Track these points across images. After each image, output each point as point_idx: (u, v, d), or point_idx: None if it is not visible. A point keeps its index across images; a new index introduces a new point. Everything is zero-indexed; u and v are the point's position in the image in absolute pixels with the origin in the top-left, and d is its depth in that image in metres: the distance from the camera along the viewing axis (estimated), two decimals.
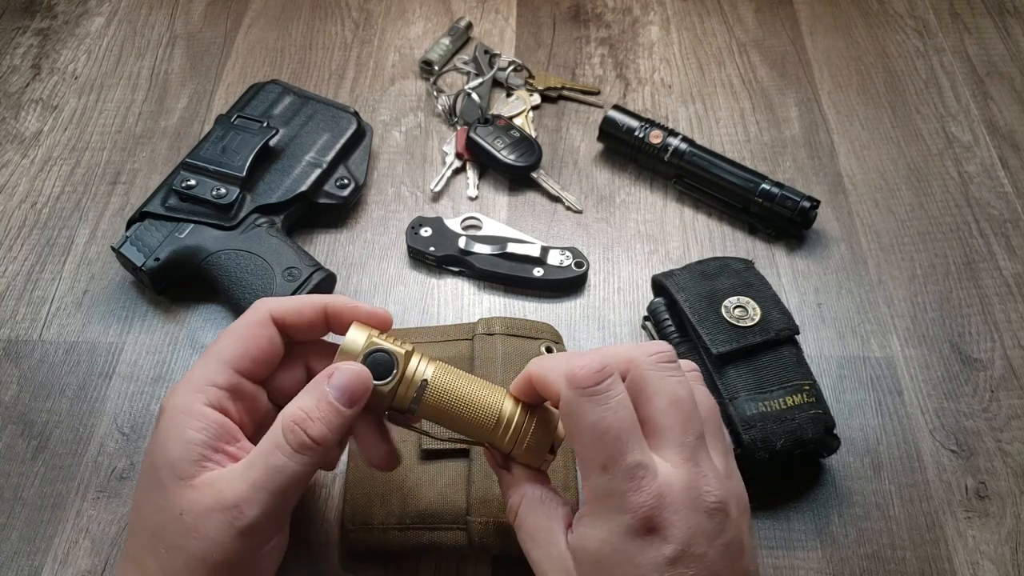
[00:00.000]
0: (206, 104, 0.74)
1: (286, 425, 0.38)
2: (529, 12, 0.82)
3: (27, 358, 0.59)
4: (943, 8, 0.82)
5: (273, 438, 0.38)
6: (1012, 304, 0.61)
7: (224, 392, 0.40)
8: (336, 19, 0.81)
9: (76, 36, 0.81)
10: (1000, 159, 0.69)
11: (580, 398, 0.36)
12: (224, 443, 0.39)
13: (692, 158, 0.65)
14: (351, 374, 0.39)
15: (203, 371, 0.40)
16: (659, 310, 0.56)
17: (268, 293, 0.57)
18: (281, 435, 0.38)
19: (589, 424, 0.36)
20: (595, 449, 0.36)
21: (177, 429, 0.38)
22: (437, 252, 0.62)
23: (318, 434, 0.38)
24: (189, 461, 0.38)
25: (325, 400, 0.39)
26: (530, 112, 0.73)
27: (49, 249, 0.65)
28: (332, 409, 0.38)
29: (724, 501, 0.36)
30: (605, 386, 0.36)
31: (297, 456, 0.38)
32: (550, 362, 0.39)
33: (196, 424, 0.38)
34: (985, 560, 0.50)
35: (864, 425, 0.55)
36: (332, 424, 0.38)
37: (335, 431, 0.38)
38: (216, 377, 0.40)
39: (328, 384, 0.39)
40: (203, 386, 0.39)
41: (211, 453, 0.38)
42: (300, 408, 0.39)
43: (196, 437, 0.38)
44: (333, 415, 0.38)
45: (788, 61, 0.77)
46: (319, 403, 0.39)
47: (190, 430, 0.38)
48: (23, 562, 0.50)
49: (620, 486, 0.35)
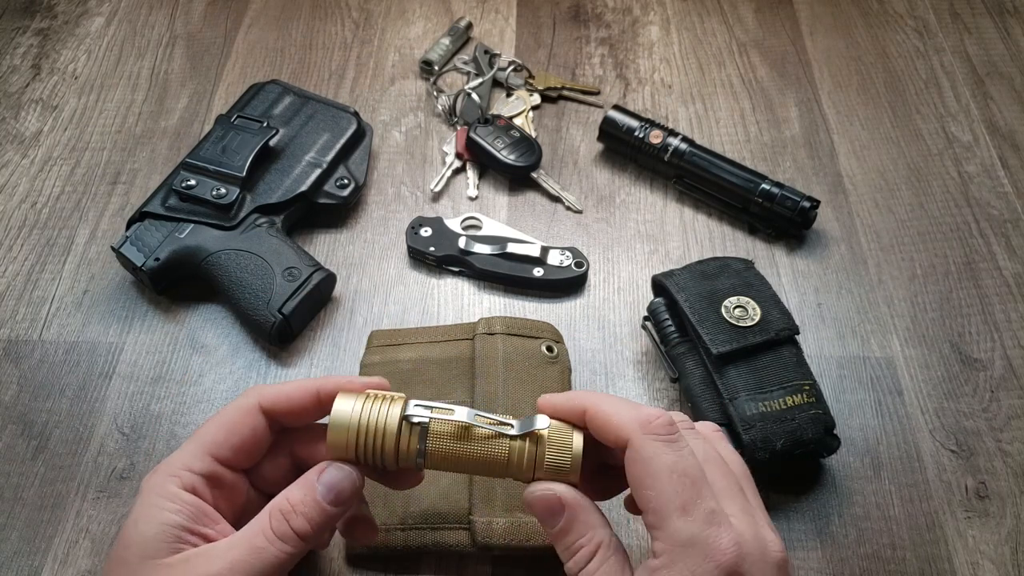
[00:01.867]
0: (206, 104, 0.74)
1: (272, 513, 0.38)
2: (529, 12, 0.82)
3: (27, 358, 0.59)
4: (943, 8, 0.82)
5: (259, 522, 0.38)
6: (1012, 304, 0.61)
7: (199, 478, 0.40)
8: (336, 19, 0.82)
9: (76, 36, 0.81)
10: (1000, 159, 0.69)
11: (657, 442, 0.36)
12: (201, 525, 0.39)
13: (692, 158, 0.65)
14: (341, 474, 0.39)
15: (182, 455, 0.40)
16: (659, 310, 0.56)
17: (268, 293, 0.57)
18: (267, 520, 0.38)
19: (667, 465, 0.36)
20: (675, 491, 0.35)
21: (152, 510, 0.38)
22: (437, 252, 0.62)
23: (301, 528, 0.38)
24: (164, 542, 0.37)
25: (312, 496, 0.39)
26: (530, 112, 0.73)
27: (49, 249, 0.65)
28: (318, 507, 0.39)
29: (786, 557, 0.37)
30: (679, 435, 0.37)
31: (278, 543, 0.38)
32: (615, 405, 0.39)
33: (171, 506, 0.38)
34: (985, 560, 0.50)
35: (864, 425, 0.55)
36: (315, 521, 0.38)
37: (318, 528, 0.39)
38: (193, 462, 0.40)
39: (318, 480, 0.39)
40: (179, 470, 0.39)
41: (187, 535, 0.38)
42: (288, 499, 0.39)
43: (172, 519, 0.38)
44: (317, 512, 0.39)
45: (788, 61, 0.77)
46: (305, 498, 0.39)
47: (166, 512, 0.38)
48: (23, 562, 0.50)
49: (702, 531, 0.35)
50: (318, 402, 0.42)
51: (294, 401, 0.41)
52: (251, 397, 0.42)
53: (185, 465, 0.40)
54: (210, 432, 0.41)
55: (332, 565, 0.49)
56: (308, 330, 0.60)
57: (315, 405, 0.42)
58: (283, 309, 0.57)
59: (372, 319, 0.61)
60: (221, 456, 0.40)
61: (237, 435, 0.41)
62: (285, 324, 0.57)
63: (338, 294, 0.62)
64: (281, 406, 0.41)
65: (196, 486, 0.39)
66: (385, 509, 0.49)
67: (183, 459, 0.40)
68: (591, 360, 0.58)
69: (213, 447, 0.40)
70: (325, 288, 0.60)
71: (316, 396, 0.41)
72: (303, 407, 0.42)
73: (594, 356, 0.59)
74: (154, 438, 0.55)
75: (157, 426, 0.56)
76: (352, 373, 0.57)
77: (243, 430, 0.41)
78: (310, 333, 0.60)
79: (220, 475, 0.40)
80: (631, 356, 0.59)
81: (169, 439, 0.55)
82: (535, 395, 0.53)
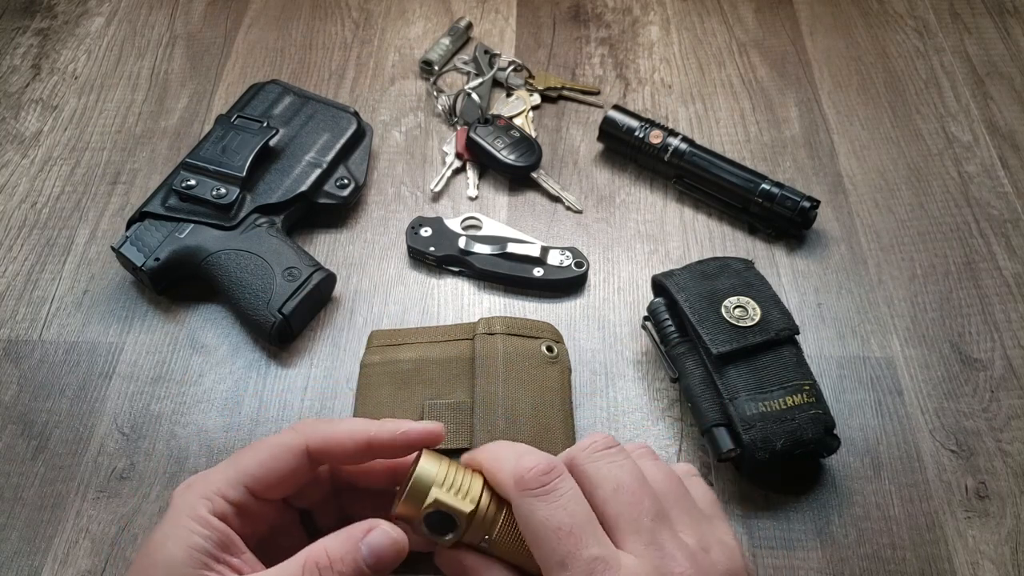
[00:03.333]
0: (206, 104, 0.74)
1: (308, 566, 0.37)
2: (529, 12, 0.82)
3: (27, 358, 0.59)
4: (943, 8, 0.82)
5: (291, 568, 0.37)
6: (1012, 304, 0.61)
7: (232, 507, 0.39)
8: (336, 19, 0.82)
9: (76, 36, 0.81)
10: (1000, 159, 0.69)
11: (529, 499, 0.35)
12: (228, 554, 0.38)
13: (692, 158, 0.65)
14: (388, 540, 0.37)
15: (218, 478, 0.39)
16: (659, 310, 0.56)
17: (268, 293, 0.57)
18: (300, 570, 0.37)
19: (541, 522, 0.35)
20: (551, 547, 0.34)
21: (182, 531, 0.38)
22: (437, 252, 0.62)
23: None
24: (190, 567, 0.37)
25: (353, 556, 0.37)
26: (530, 112, 0.73)
27: (49, 249, 0.65)
28: (355, 567, 0.37)
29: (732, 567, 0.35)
30: (553, 485, 0.35)
31: None
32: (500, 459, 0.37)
33: (202, 531, 0.37)
34: (985, 560, 0.50)
35: (864, 425, 0.55)
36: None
37: None
38: (228, 490, 0.39)
39: (363, 541, 0.37)
40: (213, 494, 0.39)
41: (212, 563, 0.37)
42: (327, 552, 0.37)
43: (200, 544, 0.37)
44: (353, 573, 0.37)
45: (788, 61, 0.77)
46: (346, 556, 0.37)
47: (196, 536, 0.37)
48: (23, 562, 0.50)
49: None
50: (369, 450, 0.40)
51: (345, 448, 0.40)
52: (299, 436, 0.40)
53: (220, 491, 0.39)
54: (251, 465, 0.40)
55: None
56: (308, 330, 0.60)
57: (365, 452, 0.41)
58: (283, 309, 0.57)
59: (372, 319, 0.61)
60: (255, 489, 0.39)
61: (276, 474, 0.40)
62: (285, 324, 0.57)
63: (338, 294, 0.62)
64: (331, 452, 0.40)
65: (227, 514, 0.39)
66: None
67: (218, 484, 0.39)
68: (591, 360, 0.58)
69: (250, 480, 0.39)
70: (325, 288, 0.60)
71: (368, 445, 0.40)
72: (354, 453, 0.40)
73: (594, 356, 0.59)
74: (154, 438, 0.55)
75: (157, 426, 0.56)
76: (352, 373, 0.57)
77: (284, 469, 0.40)
78: (310, 333, 0.60)
79: (250, 505, 0.40)
80: (631, 356, 0.59)
81: (169, 439, 0.55)
82: (535, 395, 0.53)
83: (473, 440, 0.50)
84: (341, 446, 0.40)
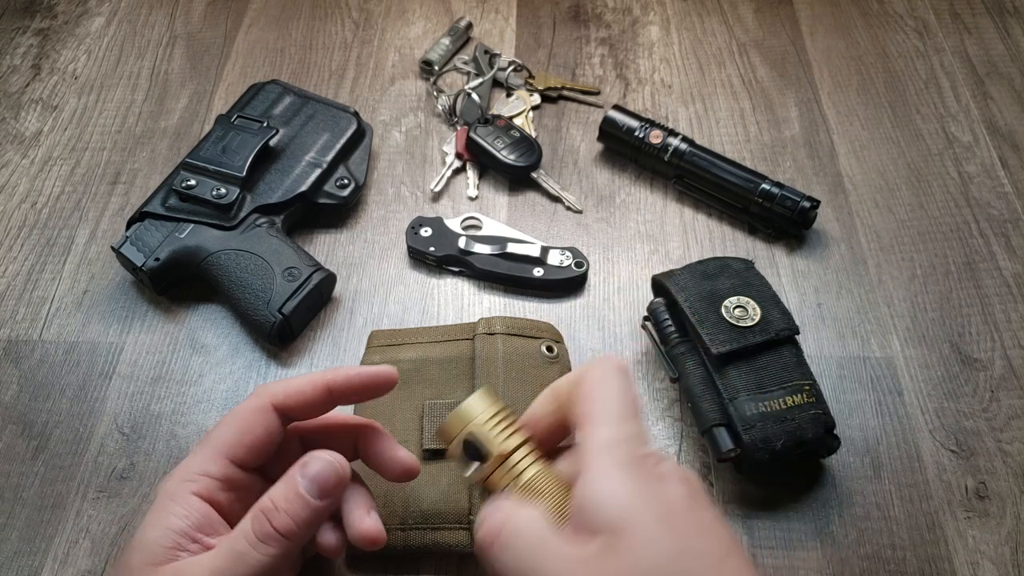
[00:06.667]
0: (206, 104, 0.74)
1: (254, 514, 0.37)
2: (529, 12, 0.82)
3: (27, 358, 0.59)
4: (943, 8, 0.82)
5: (242, 526, 0.37)
6: (1012, 304, 0.61)
7: (216, 482, 0.39)
8: (336, 19, 0.82)
9: (76, 36, 0.81)
10: (1000, 159, 0.69)
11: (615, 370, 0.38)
12: (204, 533, 0.38)
13: (692, 158, 0.65)
14: (324, 464, 0.38)
15: (198, 460, 0.40)
16: (659, 310, 0.56)
17: (268, 293, 0.57)
18: (249, 523, 0.37)
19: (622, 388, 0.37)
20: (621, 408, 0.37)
21: (161, 514, 0.38)
22: (437, 252, 0.62)
23: (282, 525, 0.37)
24: (163, 547, 0.37)
25: (295, 490, 0.37)
26: (530, 112, 0.73)
27: (49, 249, 0.65)
28: (301, 500, 0.37)
29: None
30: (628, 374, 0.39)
31: (261, 546, 0.37)
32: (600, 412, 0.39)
33: (179, 511, 0.38)
34: (985, 560, 0.50)
35: (864, 425, 0.55)
36: (300, 517, 0.37)
37: (302, 524, 0.37)
38: (209, 467, 0.39)
39: (299, 474, 0.38)
40: (195, 475, 0.39)
41: (187, 542, 0.37)
42: (271, 498, 0.38)
43: (176, 524, 0.38)
44: (301, 507, 0.37)
45: (788, 61, 0.77)
46: (288, 493, 0.38)
47: (172, 516, 0.38)
48: (23, 562, 0.50)
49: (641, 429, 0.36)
50: (328, 395, 0.41)
51: (306, 396, 0.41)
52: (262, 396, 0.41)
53: (202, 470, 0.39)
54: (223, 434, 0.40)
55: (332, 565, 0.49)
56: (308, 330, 0.60)
57: (326, 398, 0.41)
58: (283, 309, 0.57)
59: (372, 319, 0.61)
60: (236, 457, 0.40)
61: (250, 435, 0.40)
62: (285, 324, 0.57)
63: (338, 294, 0.62)
64: (292, 402, 0.41)
65: (212, 491, 0.39)
66: (385, 509, 0.48)
67: (199, 464, 0.40)
68: (591, 360, 0.58)
69: (227, 449, 0.40)
70: (325, 288, 0.60)
71: (327, 390, 0.41)
72: (315, 401, 0.41)
73: (594, 356, 0.59)
74: (154, 438, 0.55)
75: (157, 426, 0.56)
76: None
77: (256, 429, 0.40)
78: (310, 333, 0.60)
79: (236, 477, 0.40)
80: (631, 356, 0.59)
81: (169, 439, 0.55)
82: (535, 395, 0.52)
83: None
84: (302, 395, 0.41)
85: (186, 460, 0.40)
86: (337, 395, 0.41)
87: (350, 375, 0.41)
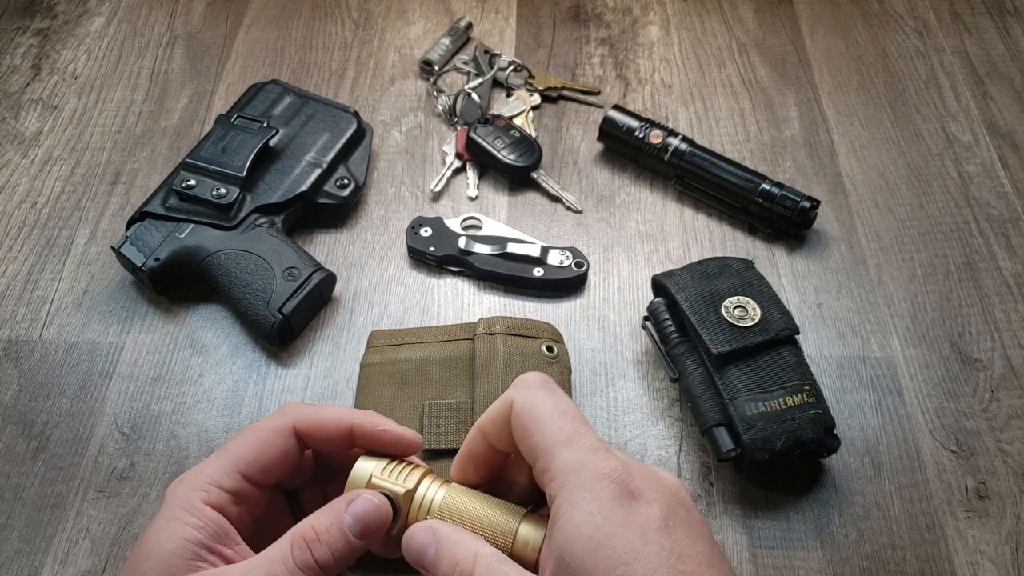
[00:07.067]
0: (206, 104, 0.74)
1: (295, 540, 0.37)
2: (529, 12, 0.82)
3: (27, 358, 0.59)
4: (943, 8, 0.82)
5: (280, 549, 0.37)
6: (1012, 304, 0.61)
7: (228, 495, 0.39)
8: (336, 19, 0.82)
9: (76, 36, 0.81)
10: (1000, 159, 0.69)
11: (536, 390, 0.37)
12: (220, 544, 0.38)
13: (692, 158, 0.65)
14: (370, 506, 0.38)
15: (211, 469, 0.40)
16: (659, 310, 0.56)
17: (268, 293, 0.57)
18: (288, 548, 0.37)
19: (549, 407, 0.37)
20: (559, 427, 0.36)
21: (175, 523, 0.38)
22: (437, 252, 0.62)
23: (323, 559, 0.37)
24: (182, 559, 0.37)
25: (338, 526, 0.38)
26: (530, 112, 0.73)
27: (49, 249, 0.65)
28: (343, 537, 0.38)
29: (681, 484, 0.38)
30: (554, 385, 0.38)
31: (299, 573, 0.37)
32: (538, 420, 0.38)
33: (195, 522, 0.38)
34: (985, 560, 0.50)
35: (864, 425, 0.55)
36: (339, 552, 0.37)
37: (340, 559, 0.38)
38: (222, 479, 0.39)
39: (346, 511, 0.38)
40: (207, 485, 0.39)
41: (206, 553, 0.37)
42: (313, 527, 0.38)
43: (193, 535, 0.37)
44: (342, 543, 0.38)
45: (788, 61, 0.77)
46: (331, 527, 0.38)
47: (188, 527, 0.37)
48: (23, 562, 0.50)
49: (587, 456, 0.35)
50: (350, 438, 0.41)
51: (328, 432, 0.41)
52: (287, 417, 0.41)
53: (214, 481, 0.39)
54: (242, 450, 0.40)
55: None
56: (308, 330, 0.60)
57: (346, 439, 0.41)
58: (283, 309, 0.57)
59: (372, 319, 0.61)
60: (251, 475, 0.40)
61: (268, 456, 0.40)
62: (285, 324, 0.57)
63: (338, 294, 0.62)
64: (315, 432, 0.41)
65: (224, 503, 0.39)
66: None
67: (212, 474, 0.39)
68: (591, 360, 0.58)
69: (243, 465, 0.40)
70: (325, 288, 0.60)
71: (349, 432, 0.41)
72: (334, 439, 0.41)
73: (594, 356, 0.59)
74: (154, 438, 0.55)
75: (157, 426, 0.56)
76: (352, 373, 0.57)
77: (274, 451, 0.40)
78: (310, 333, 0.60)
79: (247, 491, 0.40)
80: (631, 356, 0.59)
81: (169, 439, 0.55)
82: None
83: None
84: (325, 430, 0.41)
85: (200, 466, 0.40)
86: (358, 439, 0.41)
87: (377, 428, 0.41)
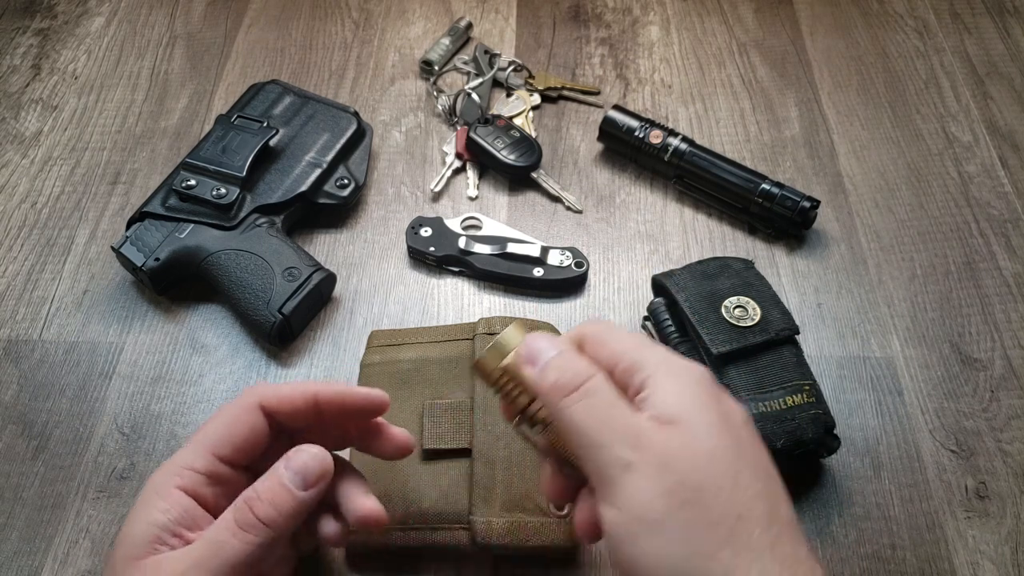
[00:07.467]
0: (206, 104, 0.74)
1: (237, 503, 0.38)
2: (529, 12, 0.82)
3: (27, 358, 0.59)
4: (943, 8, 0.82)
5: (224, 516, 0.38)
6: (1012, 304, 0.61)
7: (201, 476, 0.40)
8: (336, 19, 0.81)
9: (76, 36, 0.81)
10: (1000, 159, 0.69)
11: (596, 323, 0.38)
12: (186, 528, 0.39)
13: (692, 158, 0.65)
14: (308, 456, 0.39)
15: (184, 454, 0.41)
16: (659, 310, 0.56)
17: (268, 293, 0.57)
18: (231, 512, 0.38)
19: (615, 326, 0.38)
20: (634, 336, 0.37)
21: (144, 509, 0.39)
22: (437, 252, 0.62)
23: (265, 514, 0.38)
24: (144, 540, 0.38)
25: (279, 482, 0.39)
26: (530, 112, 0.73)
27: (49, 249, 0.65)
28: (284, 491, 0.38)
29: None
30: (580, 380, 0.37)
31: (241, 534, 0.37)
32: None
33: (162, 505, 0.39)
34: (985, 560, 0.50)
35: (864, 425, 0.55)
36: (282, 506, 0.38)
37: (285, 514, 0.38)
38: (195, 461, 0.40)
39: (284, 466, 0.39)
40: (181, 469, 0.40)
41: (167, 536, 0.38)
42: (255, 488, 0.39)
43: (158, 518, 0.38)
44: (285, 497, 0.38)
45: (788, 61, 0.77)
46: (271, 484, 0.39)
47: (155, 511, 0.38)
48: (23, 562, 0.50)
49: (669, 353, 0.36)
50: (315, 407, 0.42)
51: (294, 403, 0.42)
52: (251, 396, 0.42)
53: (187, 464, 0.40)
54: (211, 430, 0.41)
55: (332, 565, 0.49)
56: (308, 330, 0.60)
57: (312, 409, 0.42)
58: (283, 309, 0.57)
59: (372, 319, 0.61)
60: (222, 454, 0.41)
61: (237, 433, 0.41)
62: (285, 324, 0.57)
63: (338, 294, 0.62)
64: (279, 407, 0.42)
65: (197, 485, 0.40)
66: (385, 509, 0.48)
67: (185, 458, 0.40)
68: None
69: (214, 445, 0.41)
70: (325, 288, 0.60)
71: (314, 401, 0.42)
72: (301, 410, 0.42)
73: None
74: (154, 438, 0.55)
75: (157, 426, 0.56)
76: (352, 373, 0.57)
77: (243, 428, 0.41)
78: (310, 333, 0.60)
79: (221, 473, 0.41)
80: None
81: (169, 439, 0.55)
82: None
83: (473, 440, 0.50)
84: (290, 402, 0.42)
85: (175, 455, 0.41)
86: (325, 408, 0.42)
87: (340, 392, 0.42)
